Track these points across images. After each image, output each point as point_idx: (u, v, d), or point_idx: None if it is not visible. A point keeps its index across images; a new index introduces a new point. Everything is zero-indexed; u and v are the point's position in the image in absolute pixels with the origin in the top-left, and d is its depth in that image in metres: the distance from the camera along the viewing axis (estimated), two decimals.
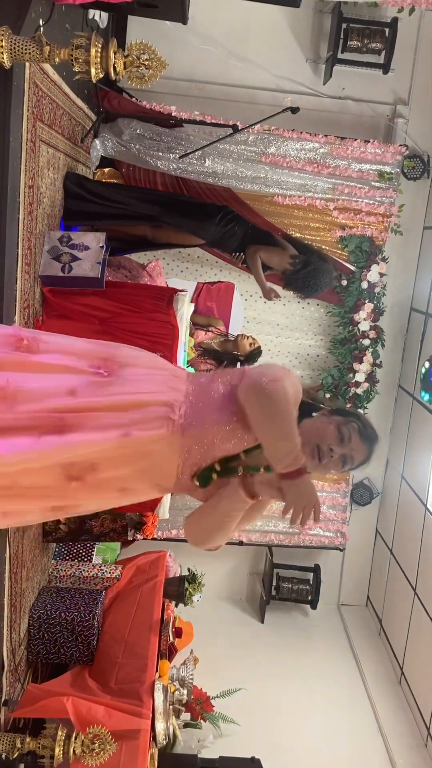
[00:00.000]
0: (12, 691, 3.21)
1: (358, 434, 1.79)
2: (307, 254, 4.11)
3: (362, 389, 5.66)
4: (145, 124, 4.80)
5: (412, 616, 5.23)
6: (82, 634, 3.59)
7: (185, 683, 4.00)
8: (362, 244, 5.38)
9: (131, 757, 3.09)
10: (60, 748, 2.77)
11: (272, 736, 4.35)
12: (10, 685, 3.16)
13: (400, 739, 4.66)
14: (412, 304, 5.82)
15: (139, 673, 3.45)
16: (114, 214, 3.86)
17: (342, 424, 1.77)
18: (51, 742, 2.79)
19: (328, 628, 6.00)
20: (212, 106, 5.17)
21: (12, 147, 2.67)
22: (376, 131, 5.56)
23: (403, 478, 5.75)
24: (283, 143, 5.07)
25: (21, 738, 2.77)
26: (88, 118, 4.27)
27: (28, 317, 3.11)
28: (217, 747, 4.06)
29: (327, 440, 1.74)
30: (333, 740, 4.55)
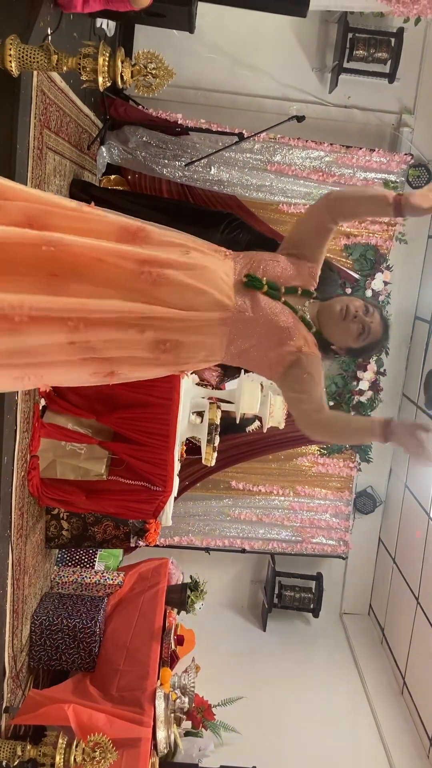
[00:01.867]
0: (13, 698, 3.20)
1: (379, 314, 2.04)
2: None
3: (366, 397, 5.65)
4: (151, 132, 4.81)
5: (414, 626, 5.21)
6: (83, 640, 3.58)
7: (187, 691, 3.99)
8: (367, 253, 5.39)
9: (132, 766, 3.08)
10: (61, 756, 2.76)
11: (273, 745, 4.33)
12: (11, 692, 3.16)
13: (401, 750, 4.63)
14: (416, 313, 5.82)
15: (140, 680, 3.44)
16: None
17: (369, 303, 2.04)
18: (52, 749, 2.78)
19: (330, 637, 5.98)
20: (218, 115, 5.19)
21: (19, 154, 2.69)
22: (381, 140, 5.58)
23: (406, 487, 5.74)
24: (288, 152, 5.09)
25: (22, 745, 2.77)
26: (95, 126, 4.29)
27: None
28: (218, 756, 4.05)
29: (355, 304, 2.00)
30: (334, 750, 4.53)
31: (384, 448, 6.00)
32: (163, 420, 3.50)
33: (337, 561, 6.12)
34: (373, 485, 6.11)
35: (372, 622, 6.25)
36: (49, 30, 2.89)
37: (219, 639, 5.42)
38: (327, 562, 6.13)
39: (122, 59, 2.32)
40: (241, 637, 5.73)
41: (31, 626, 3.54)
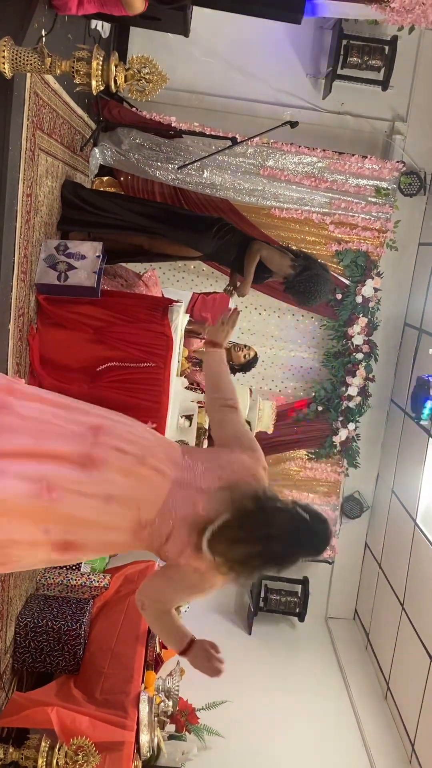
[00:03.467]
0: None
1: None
2: (307, 260, 4.05)
3: (354, 403, 5.67)
4: (145, 134, 4.82)
5: (399, 631, 5.23)
6: (68, 643, 3.57)
7: (171, 695, 3.99)
8: (357, 259, 5.42)
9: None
10: (43, 759, 2.75)
11: (257, 749, 4.33)
12: None
13: (384, 755, 4.65)
14: (405, 320, 5.85)
15: (124, 683, 3.44)
16: (110, 224, 3.85)
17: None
18: (34, 753, 2.78)
19: (316, 641, 5.99)
20: (212, 118, 5.21)
21: (11, 155, 2.68)
22: (374, 147, 5.61)
23: (393, 493, 5.76)
24: (281, 156, 5.11)
25: (4, 748, 2.76)
26: (88, 127, 4.29)
27: (23, 325, 3.11)
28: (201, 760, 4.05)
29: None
30: (318, 754, 4.53)
31: (372, 453, 6.03)
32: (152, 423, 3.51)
33: (323, 565, 6.14)
34: (360, 490, 6.13)
35: (357, 627, 6.27)
36: (43, 31, 2.89)
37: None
38: (313, 566, 6.14)
39: (116, 63, 2.33)
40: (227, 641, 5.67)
41: (15, 628, 3.53)
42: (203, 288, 5.56)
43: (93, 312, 3.37)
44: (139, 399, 3.46)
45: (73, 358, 3.36)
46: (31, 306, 3.25)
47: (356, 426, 5.75)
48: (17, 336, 3.01)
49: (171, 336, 3.45)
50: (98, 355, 3.36)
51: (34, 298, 3.29)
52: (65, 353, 3.33)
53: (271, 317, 5.81)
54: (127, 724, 3.18)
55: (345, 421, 5.72)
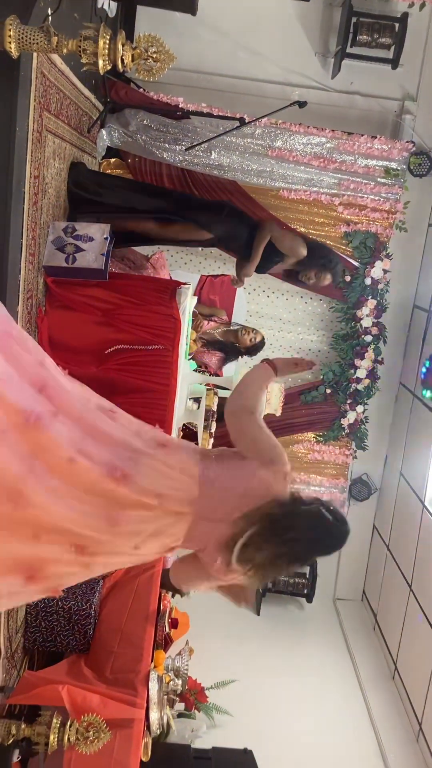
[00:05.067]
0: (8, 678, 3.23)
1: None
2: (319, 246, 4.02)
3: (363, 385, 5.66)
4: (152, 115, 4.79)
5: (407, 612, 5.25)
6: (78, 622, 3.61)
7: (180, 674, 4.03)
8: (366, 240, 5.38)
9: (125, 746, 3.11)
10: (54, 736, 2.79)
11: (265, 727, 4.38)
12: (6, 672, 3.19)
13: (391, 734, 4.69)
14: (414, 302, 5.82)
15: (134, 662, 3.47)
16: (120, 207, 3.81)
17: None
18: (46, 729, 2.82)
19: (323, 622, 6.03)
20: (219, 99, 5.16)
21: (18, 137, 2.67)
22: (383, 127, 5.55)
23: (401, 475, 5.77)
24: (289, 137, 5.06)
25: (16, 725, 2.80)
26: (95, 108, 4.26)
27: (31, 308, 3.11)
28: (210, 737, 4.10)
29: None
30: (325, 733, 4.58)
31: (381, 436, 6.03)
32: (161, 406, 3.51)
33: None
34: (369, 473, 6.14)
35: (365, 608, 6.30)
36: (49, 10, 2.86)
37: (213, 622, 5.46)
38: None
39: (123, 42, 2.30)
40: (235, 621, 5.76)
41: (26, 607, 3.56)
42: (211, 270, 5.54)
43: (101, 294, 3.37)
44: (147, 381, 3.47)
45: (82, 340, 3.37)
46: (40, 288, 3.25)
47: (365, 408, 5.75)
48: (26, 318, 3.02)
49: (179, 318, 3.45)
50: (106, 338, 3.36)
51: (42, 280, 3.29)
52: (73, 336, 3.34)
53: (279, 300, 5.79)
54: (137, 702, 3.22)
55: (353, 404, 5.71)
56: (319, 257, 3.95)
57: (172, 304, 3.44)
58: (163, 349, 3.42)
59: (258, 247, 3.85)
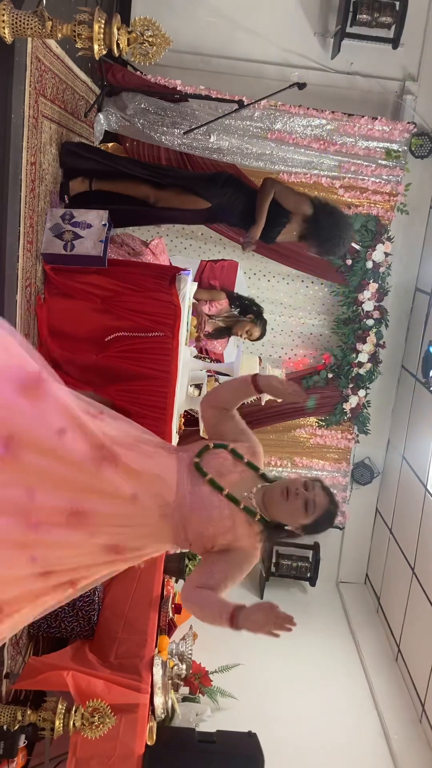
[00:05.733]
0: (13, 664, 3.26)
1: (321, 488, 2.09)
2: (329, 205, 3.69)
3: (365, 369, 5.65)
4: (150, 99, 4.74)
5: (410, 595, 5.28)
6: (82, 609, 3.63)
7: (184, 658, 4.06)
8: (368, 223, 5.34)
9: (130, 730, 3.14)
10: (60, 721, 2.82)
11: (269, 710, 4.42)
12: (11, 658, 3.21)
13: (395, 715, 4.73)
14: (416, 285, 5.78)
15: (138, 648, 3.50)
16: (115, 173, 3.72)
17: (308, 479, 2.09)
18: (51, 714, 2.84)
19: (327, 605, 6.06)
20: (218, 81, 5.10)
21: (14, 123, 2.65)
22: (384, 108, 5.49)
23: (404, 459, 5.77)
24: (289, 119, 5.02)
25: (22, 710, 2.82)
26: (92, 92, 4.22)
27: (30, 296, 3.10)
28: (214, 721, 4.13)
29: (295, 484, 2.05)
30: (329, 715, 4.62)
31: (383, 420, 6.02)
32: (162, 392, 3.51)
33: (334, 531, 6.18)
34: (371, 456, 6.14)
35: (368, 591, 6.33)
36: None
37: None
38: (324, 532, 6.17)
39: (118, 26, 2.27)
40: None
41: None
42: (211, 255, 5.51)
43: (100, 281, 3.36)
44: (147, 369, 3.46)
45: (81, 328, 3.36)
46: (38, 276, 3.23)
47: (367, 393, 5.74)
48: (25, 306, 3.01)
49: (179, 305, 3.43)
50: (106, 325, 3.35)
51: (41, 268, 3.27)
52: (73, 323, 3.32)
53: (281, 284, 5.77)
54: (141, 687, 3.24)
55: (355, 388, 5.70)
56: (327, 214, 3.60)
57: (172, 291, 3.42)
58: (164, 336, 3.41)
59: (262, 204, 3.55)
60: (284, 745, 4.00)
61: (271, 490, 2.05)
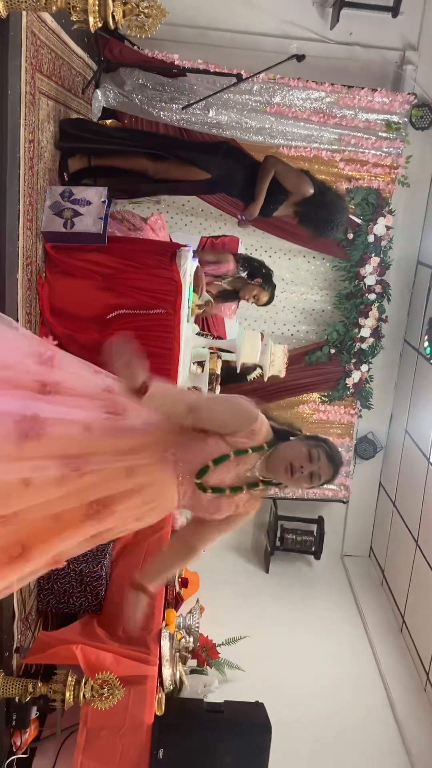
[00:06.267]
0: (23, 639, 3.31)
1: (326, 456, 2.06)
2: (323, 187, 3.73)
3: (367, 344, 5.65)
4: (148, 74, 4.70)
5: (413, 567, 5.33)
6: (90, 584, 3.67)
7: (191, 631, 4.12)
8: (369, 197, 5.31)
9: (139, 702, 3.20)
10: (71, 693, 2.87)
11: (276, 681, 4.48)
12: (21, 633, 3.26)
13: (400, 684, 4.80)
14: (419, 258, 5.76)
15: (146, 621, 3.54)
16: (113, 150, 3.70)
17: (312, 447, 2.05)
18: (62, 686, 2.89)
19: (332, 578, 6.13)
20: (216, 54, 5.04)
21: (11, 100, 2.63)
22: (384, 79, 5.43)
23: (406, 433, 5.79)
24: (288, 92, 4.97)
25: (33, 683, 2.87)
26: (89, 68, 4.18)
27: (31, 274, 3.10)
28: (222, 692, 4.19)
29: (299, 460, 2.02)
30: (335, 685, 4.69)
31: (385, 394, 6.03)
32: (164, 370, 3.51)
33: (338, 505, 6.23)
34: (374, 431, 6.16)
35: (372, 564, 6.39)
36: None
37: (223, 581, 5.56)
38: (328, 506, 6.23)
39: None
40: (245, 579, 5.87)
41: None
42: (212, 231, 5.49)
43: (101, 259, 3.35)
44: (150, 346, 3.45)
45: (83, 306, 3.36)
46: (39, 255, 3.23)
47: (369, 367, 5.74)
48: (26, 285, 3.01)
49: (180, 281, 3.43)
50: (108, 303, 3.35)
51: (41, 246, 3.27)
52: (75, 302, 3.32)
53: (282, 260, 5.74)
54: (149, 660, 3.30)
55: (358, 363, 5.71)
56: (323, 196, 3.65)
57: (173, 267, 3.41)
58: (165, 313, 3.41)
59: (262, 182, 3.56)
60: (291, 714, 4.08)
61: (275, 461, 2.03)
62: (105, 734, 3.19)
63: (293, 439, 2.12)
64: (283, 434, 2.13)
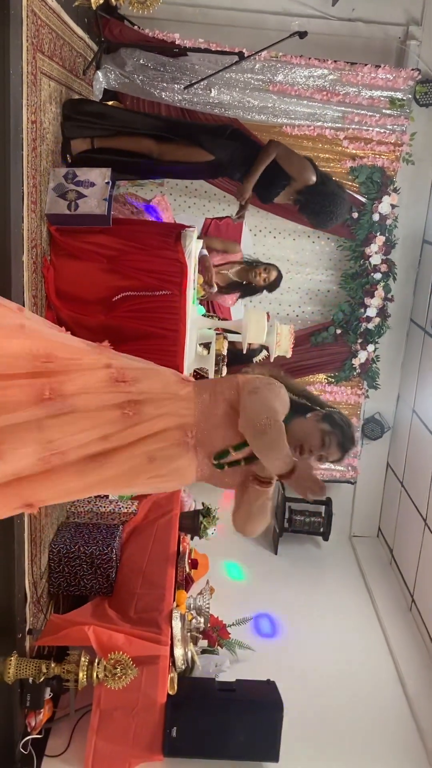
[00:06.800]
0: (35, 622, 3.33)
1: (337, 443, 2.07)
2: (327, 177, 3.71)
3: (373, 324, 5.63)
4: (149, 54, 4.65)
5: (422, 546, 5.34)
6: (101, 566, 3.70)
7: (202, 612, 4.14)
8: (373, 175, 5.27)
9: (152, 681, 3.23)
10: (84, 673, 2.90)
11: (287, 660, 4.51)
12: (33, 616, 3.28)
13: (410, 662, 4.82)
14: (424, 236, 5.72)
15: (157, 602, 3.57)
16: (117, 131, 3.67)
17: (326, 433, 2.06)
18: (75, 667, 2.92)
19: (341, 559, 6.15)
20: (217, 33, 4.99)
21: (12, 80, 2.60)
22: (387, 55, 5.36)
23: (414, 412, 5.78)
24: (290, 70, 4.92)
25: (46, 663, 2.90)
26: (90, 49, 4.14)
27: (36, 257, 3.09)
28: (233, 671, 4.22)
29: (310, 443, 2.04)
30: (345, 664, 4.71)
31: (392, 374, 6.02)
32: (171, 352, 3.51)
33: (346, 486, 6.23)
34: (381, 411, 6.15)
35: (381, 544, 6.41)
36: None
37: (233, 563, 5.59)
38: (336, 487, 6.24)
39: None
40: (254, 561, 5.89)
41: (49, 554, 3.65)
42: (216, 213, 5.46)
43: (105, 241, 3.34)
44: (156, 328, 3.45)
45: (89, 289, 3.35)
46: (44, 237, 3.22)
47: (375, 347, 5.73)
48: (32, 268, 3.00)
49: (185, 262, 3.41)
50: (113, 285, 3.34)
51: (46, 229, 3.25)
52: (80, 284, 3.31)
53: (287, 240, 5.72)
54: (161, 640, 3.32)
55: (364, 343, 5.69)
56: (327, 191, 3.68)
57: (177, 248, 3.40)
58: (171, 295, 3.40)
59: (259, 162, 3.52)
60: (302, 691, 4.11)
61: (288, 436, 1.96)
62: (118, 714, 3.23)
63: (309, 416, 2.09)
64: (301, 408, 2.10)
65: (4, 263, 2.67)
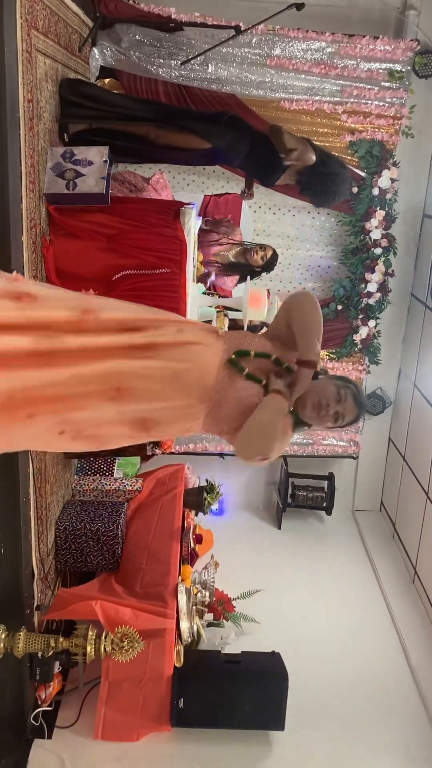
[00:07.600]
0: (43, 598, 3.39)
1: (352, 397, 2.12)
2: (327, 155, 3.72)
3: (374, 299, 5.62)
4: (144, 29, 4.60)
5: (425, 519, 5.38)
6: (107, 543, 3.75)
7: (207, 586, 4.20)
8: (372, 149, 5.23)
9: (158, 653, 3.30)
10: (92, 646, 2.95)
11: (291, 633, 4.58)
12: (41, 592, 3.34)
13: (413, 634, 4.89)
14: (424, 210, 5.69)
15: (162, 577, 3.63)
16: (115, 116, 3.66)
17: (341, 387, 2.12)
18: (83, 641, 2.98)
19: (343, 533, 6.20)
20: (213, 7, 4.92)
21: (7, 58, 2.59)
22: (386, 26, 5.29)
23: (415, 387, 5.80)
24: (288, 44, 4.86)
25: (55, 638, 2.96)
26: (85, 26, 4.10)
27: (36, 237, 3.09)
28: (239, 644, 4.29)
29: (327, 397, 2.09)
30: (349, 635, 4.78)
31: (393, 349, 6.03)
32: None
33: (348, 461, 6.27)
34: (383, 387, 6.17)
35: (383, 518, 6.46)
36: None
37: (236, 538, 5.64)
38: (338, 462, 6.28)
39: None
40: (258, 536, 5.95)
41: (55, 531, 3.70)
42: (215, 190, 5.43)
43: (104, 220, 3.34)
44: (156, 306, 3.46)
45: (88, 268, 3.36)
46: (42, 217, 3.22)
47: (377, 323, 5.73)
48: (31, 248, 3.01)
49: (184, 240, 3.42)
50: (113, 264, 3.35)
51: (45, 208, 3.25)
52: (80, 264, 3.33)
53: (286, 216, 5.69)
54: (167, 613, 3.38)
55: (365, 319, 5.69)
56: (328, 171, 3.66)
57: (176, 226, 3.40)
58: (170, 273, 3.41)
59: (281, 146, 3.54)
60: (307, 663, 4.17)
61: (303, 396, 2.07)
62: (126, 686, 3.30)
63: (322, 377, 2.16)
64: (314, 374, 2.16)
65: (4, 243, 2.68)
